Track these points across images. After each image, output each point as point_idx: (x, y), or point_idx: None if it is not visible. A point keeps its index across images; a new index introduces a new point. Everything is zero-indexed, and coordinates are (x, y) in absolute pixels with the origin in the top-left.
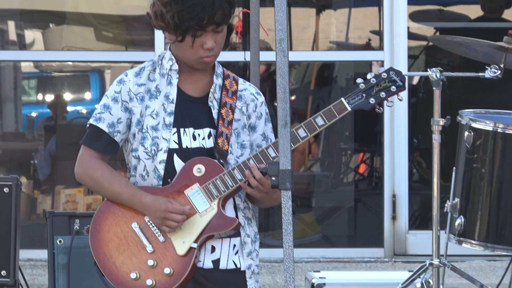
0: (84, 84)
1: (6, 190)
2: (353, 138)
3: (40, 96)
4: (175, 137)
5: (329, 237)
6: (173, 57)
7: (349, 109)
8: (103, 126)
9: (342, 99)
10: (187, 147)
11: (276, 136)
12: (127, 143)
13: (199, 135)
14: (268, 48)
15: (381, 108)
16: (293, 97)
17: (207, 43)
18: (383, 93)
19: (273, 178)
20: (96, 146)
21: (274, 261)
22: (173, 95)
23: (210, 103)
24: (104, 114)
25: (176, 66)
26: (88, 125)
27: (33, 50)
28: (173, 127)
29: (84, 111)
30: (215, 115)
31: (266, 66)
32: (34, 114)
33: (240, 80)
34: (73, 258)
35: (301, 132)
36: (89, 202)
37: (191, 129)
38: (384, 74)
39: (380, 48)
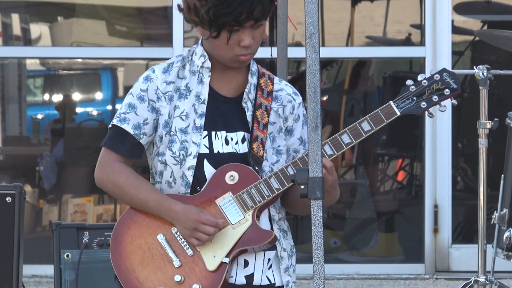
0: (95, 83)
1: (8, 199)
2: (391, 143)
3: (46, 97)
4: (206, 141)
5: (364, 251)
6: (205, 53)
7: (398, 113)
8: (127, 127)
9: (391, 102)
10: (218, 152)
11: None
12: (153, 146)
13: (232, 139)
14: (298, 44)
15: (432, 113)
16: (324, 98)
17: (244, 40)
18: (435, 96)
19: (302, 187)
20: (120, 149)
21: (303, 277)
22: (205, 95)
23: (244, 104)
24: (129, 114)
25: (208, 64)
26: (110, 126)
27: (39, 46)
28: (204, 130)
29: (95, 112)
30: (249, 118)
31: (295, 63)
32: (40, 116)
33: (276, 79)
34: (82, 275)
35: (345, 138)
36: (100, 213)
37: (224, 133)
38: (437, 76)
39: (422, 43)
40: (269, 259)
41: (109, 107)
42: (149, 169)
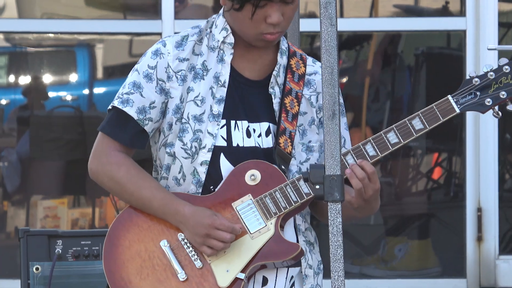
0: (69, 63)
1: None
2: (425, 134)
3: (11, 78)
4: (224, 132)
5: (392, 263)
6: (228, 27)
7: (457, 111)
8: (131, 111)
9: (449, 97)
10: (238, 145)
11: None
12: (159, 134)
13: (254, 130)
14: (311, 15)
15: (499, 113)
16: (344, 80)
17: (271, 16)
18: (503, 92)
19: (317, 187)
20: (121, 137)
21: None
22: (225, 76)
23: (271, 90)
24: (134, 95)
25: (231, 39)
26: (110, 108)
27: (3, 18)
28: (222, 118)
29: (69, 97)
30: (276, 106)
31: (308, 38)
32: (3, 102)
33: (309, 60)
34: None
35: (392, 137)
36: (75, 218)
37: (245, 123)
38: (507, 67)
39: (461, 13)
40: (292, 277)
41: (86, 91)
42: (152, 162)
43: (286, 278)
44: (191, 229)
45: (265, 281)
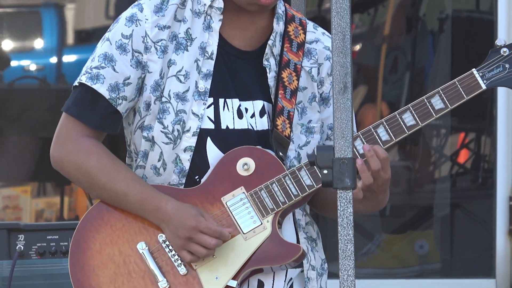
0: (34, 26)
1: None
2: (450, 111)
3: None
4: (211, 112)
5: (411, 260)
6: None
7: (484, 87)
8: (101, 88)
9: (474, 71)
10: (228, 128)
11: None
12: (134, 114)
13: (246, 110)
14: None
15: None
16: (357, 47)
17: None
18: None
19: (325, 172)
20: (89, 119)
21: None
22: (213, 46)
23: (265, 62)
24: (104, 69)
25: (220, 3)
26: (76, 84)
27: None
28: (210, 96)
29: (33, 67)
30: (271, 81)
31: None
32: None
33: (310, 25)
34: None
35: (408, 119)
36: (40, 209)
37: (236, 101)
38: None
39: None
40: (290, 279)
41: (54, 60)
42: (125, 146)
43: (284, 281)
44: (173, 230)
45: (260, 285)
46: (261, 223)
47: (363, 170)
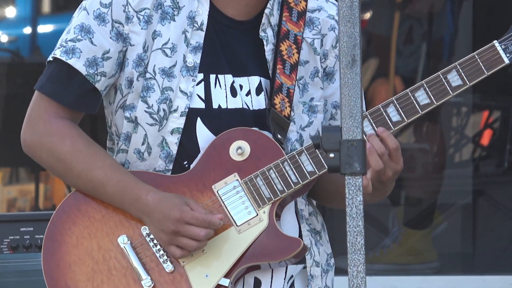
0: None
1: None
2: (471, 86)
3: None
4: (201, 90)
5: (428, 255)
6: None
7: (506, 61)
8: (77, 63)
9: (496, 43)
10: (220, 107)
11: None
12: (115, 92)
13: (241, 87)
14: None
15: None
16: (367, 15)
17: None
18: None
19: (332, 155)
20: (65, 98)
21: None
22: (203, 16)
23: (262, 33)
24: (81, 42)
25: None
26: (51, 60)
27: None
28: (200, 72)
29: (4, 39)
30: (269, 54)
31: None
32: None
33: None
34: None
35: (421, 96)
36: (12, 197)
37: (229, 77)
38: None
39: None
40: (291, 277)
41: (28, 31)
42: (106, 129)
43: (284, 279)
44: (157, 224)
45: (257, 284)
46: (257, 214)
47: (371, 152)
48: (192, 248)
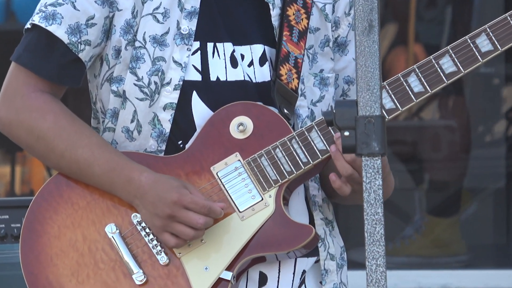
0: None
1: None
2: (503, 54)
3: None
4: (197, 60)
5: (456, 248)
6: None
7: None
8: (58, 30)
9: None
10: (218, 79)
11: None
12: (101, 64)
13: (243, 57)
14: None
15: None
16: None
17: None
18: None
19: (346, 133)
20: (44, 69)
21: None
22: None
23: None
24: (62, 7)
25: None
26: (28, 27)
27: None
28: (195, 40)
29: None
30: (275, 20)
31: None
32: None
33: None
34: None
35: (447, 64)
36: None
37: (229, 46)
38: None
39: None
40: (303, 271)
41: None
42: (90, 105)
43: (293, 273)
44: (150, 207)
45: (263, 279)
46: (262, 199)
47: (337, 158)
48: (188, 236)
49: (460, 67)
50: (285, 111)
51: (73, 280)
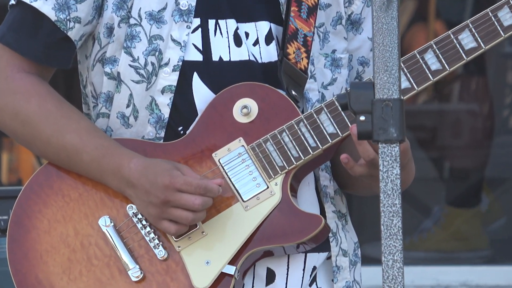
0: None
1: None
2: None
3: None
4: (198, 38)
5: (480, 242)
6: None
7: None
8: (45, 6)
9: None
10: (221, 59)
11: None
12: (93, 43)
13: (247, 35)
14: None
15: None
16: None
17: None
18: None
19: (362, 118)
20: (30, 49)
21: None
22: None
23: None
24: None
25: None
26: (13, 3)
27: None
28: (195, 16)
29: None
30: None
31: None
32: None
33: None
34: None
35: (466, 39)
36: None
37: (232, 23)
38: None
39: None
40: (313, 268)
41: None
42: (80, 90)
43: (303, 270)
44: (143, 196)
45: (271, 275)
46: (267, 187)
47: (360, 141)
48: (188, 220)
49: (481, 42)
50: (293, 92)
51: (64, 278)
